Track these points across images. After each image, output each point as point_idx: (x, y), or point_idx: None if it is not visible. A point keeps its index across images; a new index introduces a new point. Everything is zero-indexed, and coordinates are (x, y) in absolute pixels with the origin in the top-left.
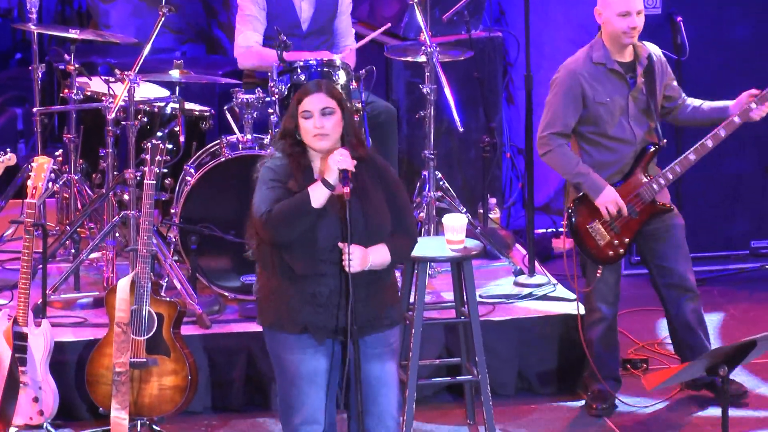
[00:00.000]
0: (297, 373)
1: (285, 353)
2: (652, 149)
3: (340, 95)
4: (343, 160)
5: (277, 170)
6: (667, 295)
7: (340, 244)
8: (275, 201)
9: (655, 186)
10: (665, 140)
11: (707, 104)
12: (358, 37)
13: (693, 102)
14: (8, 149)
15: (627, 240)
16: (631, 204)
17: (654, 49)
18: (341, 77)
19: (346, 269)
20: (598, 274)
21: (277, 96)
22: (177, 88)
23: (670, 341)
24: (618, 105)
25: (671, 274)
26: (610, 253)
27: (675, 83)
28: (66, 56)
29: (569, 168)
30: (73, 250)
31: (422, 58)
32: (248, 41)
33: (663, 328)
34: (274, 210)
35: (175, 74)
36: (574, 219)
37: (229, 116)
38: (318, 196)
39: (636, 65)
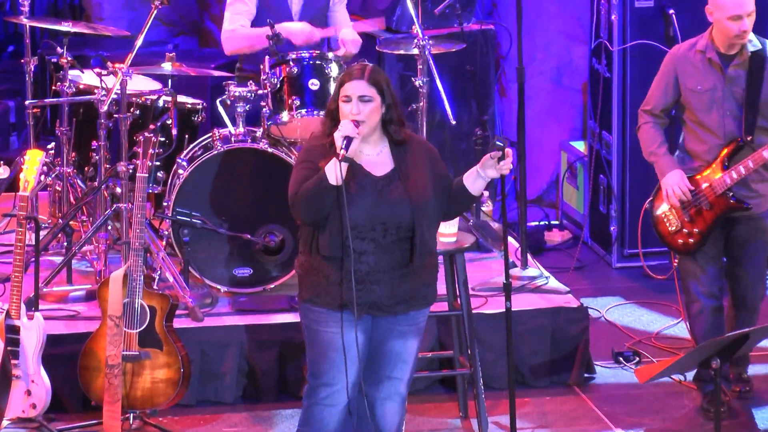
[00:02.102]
0: (332, 345)
1: (320, 326)
2: (737, 143)
3: (381, 83)
4: (345, 128)
5: (312, 150)
6: (730, 300)
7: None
8: (303, 182)
9: (727, 179)
10: (751, 138)
11: None
12: None
13: None
14: (1, 162)
15: (698, 230)
16: (704, 194)
17: None
18: (333, 70)
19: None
20: (674, 263)
21: (269, 89)
22: (169, 80)
23: (665, 335)
24: (712, 95)
25: (735, 281)
26: (680, 241)
27: None
28: (58, 49)
29: (647, 146)
30: (65, 243)
31: (414, 51)
32: (233, 24)
33: (657, 322)
34: (300, 191)
35: (167, 67)
36: (651, 203)
37: (221, 109)
38: (332, 171)
39: (736, 57)
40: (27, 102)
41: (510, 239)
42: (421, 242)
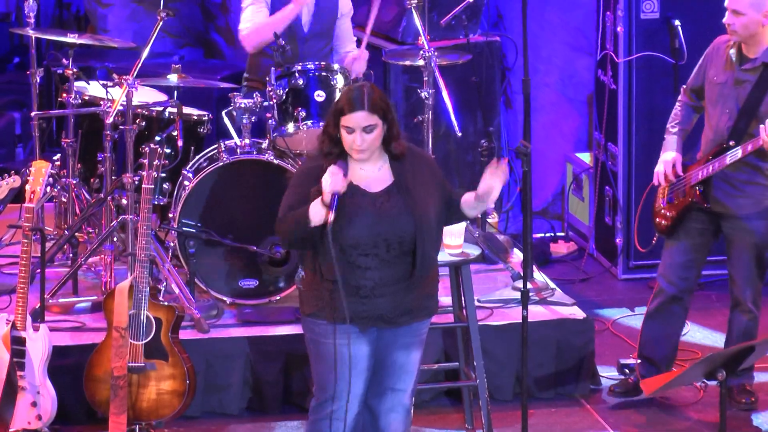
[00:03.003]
0: (338, 358)
1: (325, 338)
2: (725, 145)
3: (382, 107)
4: (333, 181)
5: (309, 173)
6: (731, 298)
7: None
8: (290, 207)
9: (699, 173)
10: (733, 143)
11: None
12: (357, 42)
13: None
14: (13, 171)
15: (670, 215)
16: (683, 183)
17: None
18: (339, 81)
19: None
20: (653, 241)
21: (275, 100)
22: (175, 92)
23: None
24: (721, 91)
25: (731, 280)
26: (657, 219)
27: None
28: (64, 60)
29: (668, 122)
30: (71, 255)
31: (420, 63)
32: (254, 19)
33: None
34: (286, 220)
35: (173, 78)
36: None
37: (227, 120)
38: (315, 214)
39: (750, 62)
40: (33, 113)
41: (515, 250)
42: (422, 255)
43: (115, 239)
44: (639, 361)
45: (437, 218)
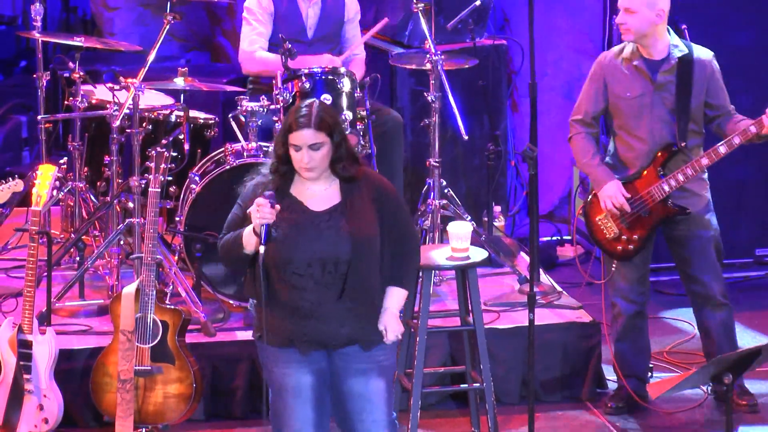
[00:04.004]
0: (283, 387)
1: (272, 365)
2: (671, 149)
3: (329, 124)
4: (261, 214)
5: (255, 189)
6: (692, 301)
7: (383, 328)
8: (228, 225)
9: (665, 186)
10: (684, 143)
11: (744, 121)
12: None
13: (741, 118)
14: (16, 175)
15: (638, 237)
16: (643, 201)
17: (702, 53)
18: (345, 85)
19: (386, 340)
20: (613, 268)
21: (281, 104)
22: (181, 95)
23: (677, 350)
24: (641, 102)
25: (695, 281)
26: (619, 247)
27: (723, 93)
28: (70, 64)
29: (580, 157)
30: (77, 258)
31: (427, 66)
32: (252, 46)
33: (669, 337)
34: (224, 240)
35: (179, 82)
36: (587, 209)
37: (233, 124)
38: (248, 243)
39: (663, 63)
40: (39, 117)
41: (522, 254)
42: (354, 279)
43: (121, 242)
44: (619, 385)
45: (379, 246)
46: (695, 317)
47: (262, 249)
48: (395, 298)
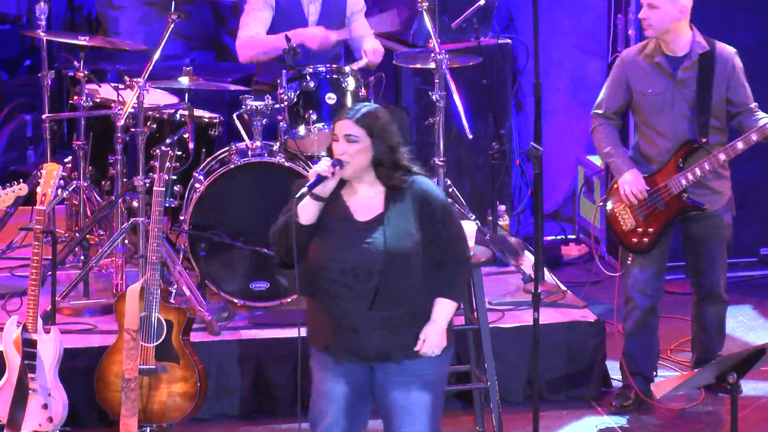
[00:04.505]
0: (318, 390)
1: (314, 367)
2: (692, 145)
3: (371, 124)
4: (320, 165)
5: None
6: (694, 291)
7: (422, 334)
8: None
9: (682, 180)
10: (705, 139)
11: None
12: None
13: (763, 115)
14: (21, 180)
15: (653, 230)
16: (659, 194)
17: (724, 50)
18: (350, 84)
19: (421, 351)
20: (628, 261)
21: (286, 103)
22: (186, 94)
23: (682, 349)
24: (663, 98)
25: (702, 275)
26: (635, 240)
27: (744, 90)
28: (75, 63)
29: (601, 147)
30: (82, 257)
31: (431, 65)
32: (250, 31)
33: (673, 337)
34: (277, 222)
35: (184, 81)
36: (607, 201)
37: (238, 123)
38: (305, 208)
39: (684, 60)
40: (44, 116)
41: (526, 253)
42: (385, 291)
43: (126, 242)
44: (624, 383)
45: (418, 259)
46: (693, 307)
47: (304, 190)
48: (443, 309)
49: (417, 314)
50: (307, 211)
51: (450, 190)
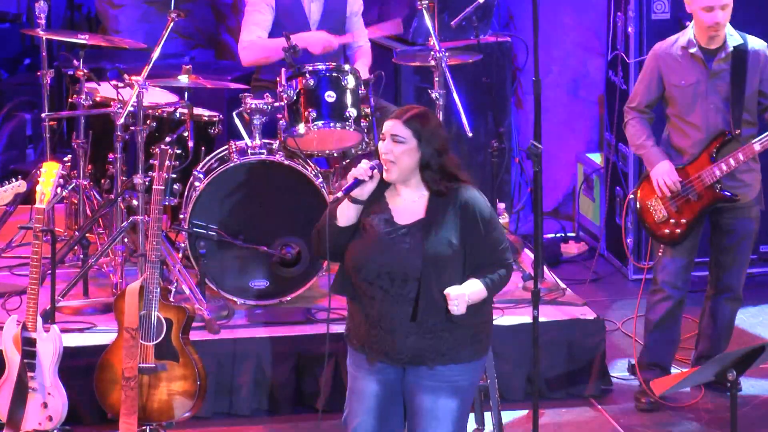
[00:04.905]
0: (352, 388)
1: (349, 366)
2: (725, 137)
3: (420, 128)
4: (359, 169)
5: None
6: (711, 285)
7: (446, 292)
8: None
9: (716, 171)
10: (739, 131)
11: None
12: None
13: None
14: (19, 176)
15: (685, 221)
16: (692, 185)
17: (755, 43)
18: (350, 82)
19: (453, 312)
20: (659, 253)
21: (285, 101)
22: (186, 93)
23: (681, 347)
24: (696, 90)
25: (723, 269)
26: (666, 231)
27: None
28: (75, 61)
29: (634, 139)
30: (81, 256)
31: (431, 63)
32: (251, 35)
33: None
34: (319, 223)
35: (184, 79)
36: (638, 193)
37: (238, 121)
38: (343, 210)
39: (719, 52)
40: (43, 114)
41: (526, 251)
42: (426, 300)
43: (125, 240)
44: (641, 364)
45: (457, 268)
46: (706, 301)
47: (340, 194)
48: (472, 283)
49: (452, 320)
50: (345, 214)
51: None
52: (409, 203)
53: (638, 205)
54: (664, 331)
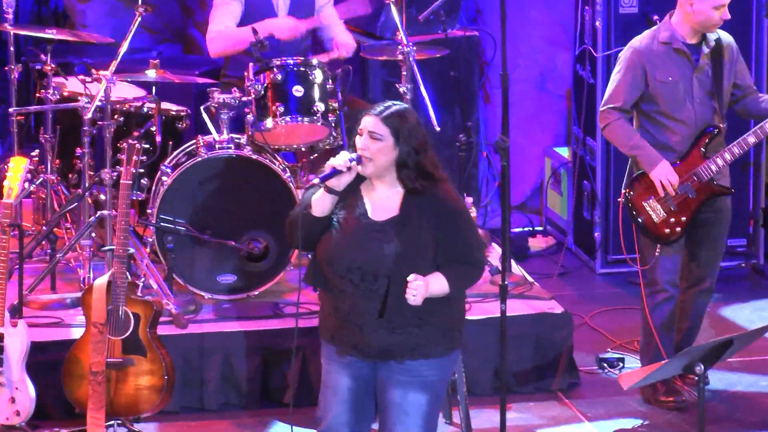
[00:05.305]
0: (324, 382)
1: (322, 358)
2: (712, 131)
3: (398, 126)
4: (337, 159)
5: None
6: (685, 278)
7: (408, 279)
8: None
9: (712, 166)
10: (724, 124)
11: None
12: None
13: (764, 97)
14: None
15: (684, 219)
16: (688, 183)
17: (725, 36)
18: (318, 76)
19: (409, 301)
20: (657, 252)
21: (253, 95)
22: (153, 87)
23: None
24: (681, 85)
25: (698, 262)
26: (667, 230)
27: (748, 74)
28: (42, 56)
29: (626, 140)
30: (49, 251)
31: (399, 58)
32: (220, 26)
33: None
34: (293, 210)
35: (151, 74)
36: (632, 194)
37: (205, 116)
38: (318, 200)
39: (702, 47)
40: (11, 109)
41: (494, 245)
42: (395, 298)
43: (93, 235)
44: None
45: (429, 267)
46: (680, 295)
47: (316, 181)
48: (436, 278)
49: (422, 317)
50: (320, 204)
51: None
52: (384, 199)
53: (632, 207)
54: (671, 330)
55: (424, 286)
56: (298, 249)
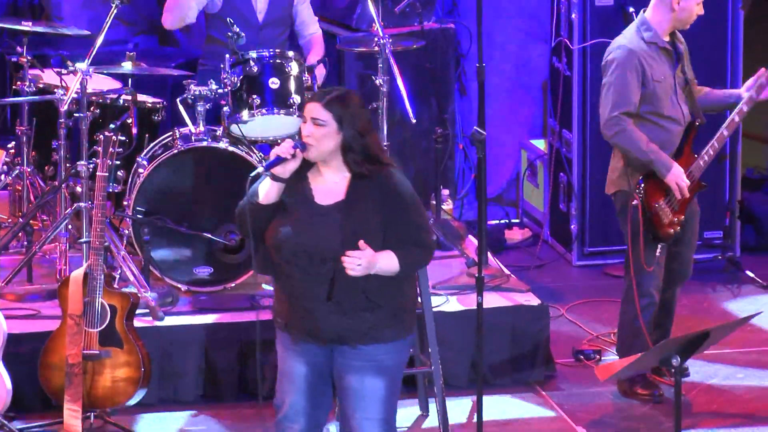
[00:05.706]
0: (281, 370)
1: (278, 346)
2: (694, 121)
3: (341, 111)
4: (282, 147)
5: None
6: (665, 276)
7: (345, 256)
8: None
9: (701, 163)
10: (701, 119)
11: (717, 90)
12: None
13: (704, 89)
14: None
15: (683, 218)
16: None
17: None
18: (294, 69)
19: (349, 272)
20: (658, 252)
21: (229, 87)
22: (129, 80)
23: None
24: (669, 83)
25: (676, 259)
26: (671, 231)
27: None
28: (18, 48)
29: (641, 146)
30: (25, 243)
31: (375, 50)
32: None
33: (617, 320)
34: (241, 202)
35: (127, 66)
36: (643, 198)
37: (181, 108)
38: (264, 188)
39: (677, 44)
40: None
41: (470, 237)
42: (342, 281)
43: (69, 227)
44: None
45: (375, 250)
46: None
47: (260, 169)
48: (385, 255)
49: (373, 300)
50: (267, 192)
51: None
52: (331, 184)
53: (648, 210)
54: (657, 336)
55: (367, 258)
56: (248, 238)
